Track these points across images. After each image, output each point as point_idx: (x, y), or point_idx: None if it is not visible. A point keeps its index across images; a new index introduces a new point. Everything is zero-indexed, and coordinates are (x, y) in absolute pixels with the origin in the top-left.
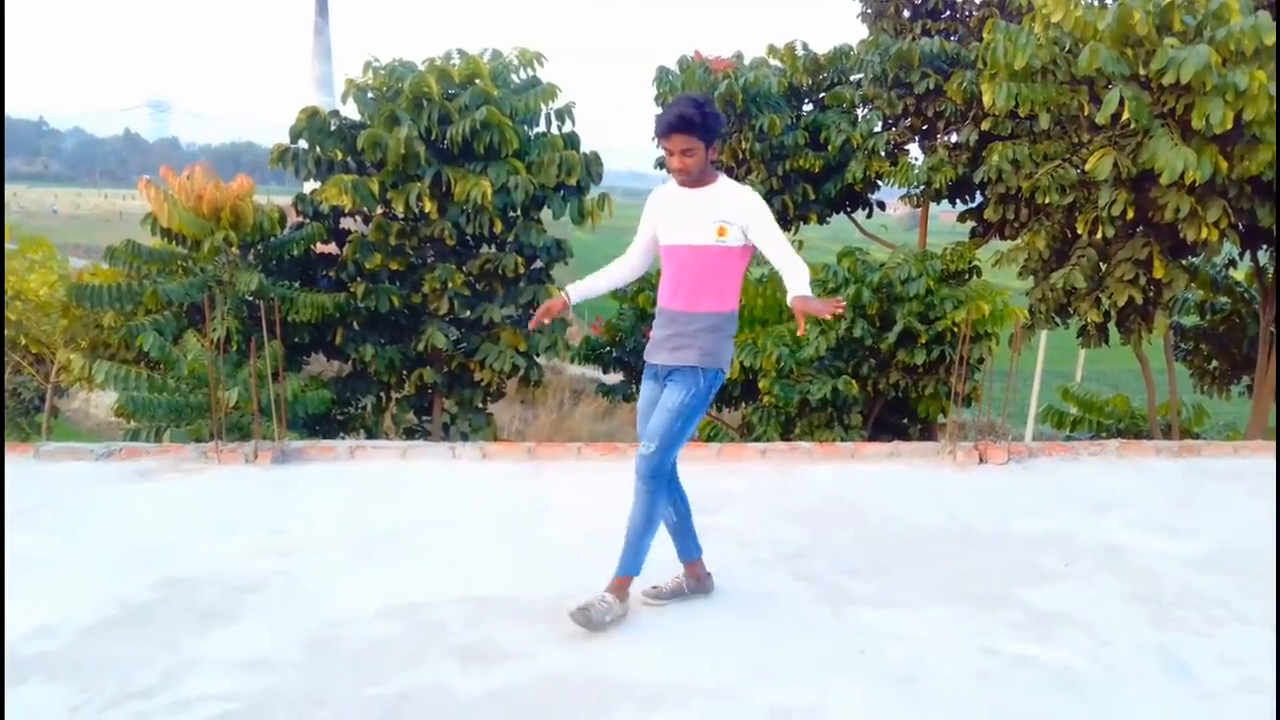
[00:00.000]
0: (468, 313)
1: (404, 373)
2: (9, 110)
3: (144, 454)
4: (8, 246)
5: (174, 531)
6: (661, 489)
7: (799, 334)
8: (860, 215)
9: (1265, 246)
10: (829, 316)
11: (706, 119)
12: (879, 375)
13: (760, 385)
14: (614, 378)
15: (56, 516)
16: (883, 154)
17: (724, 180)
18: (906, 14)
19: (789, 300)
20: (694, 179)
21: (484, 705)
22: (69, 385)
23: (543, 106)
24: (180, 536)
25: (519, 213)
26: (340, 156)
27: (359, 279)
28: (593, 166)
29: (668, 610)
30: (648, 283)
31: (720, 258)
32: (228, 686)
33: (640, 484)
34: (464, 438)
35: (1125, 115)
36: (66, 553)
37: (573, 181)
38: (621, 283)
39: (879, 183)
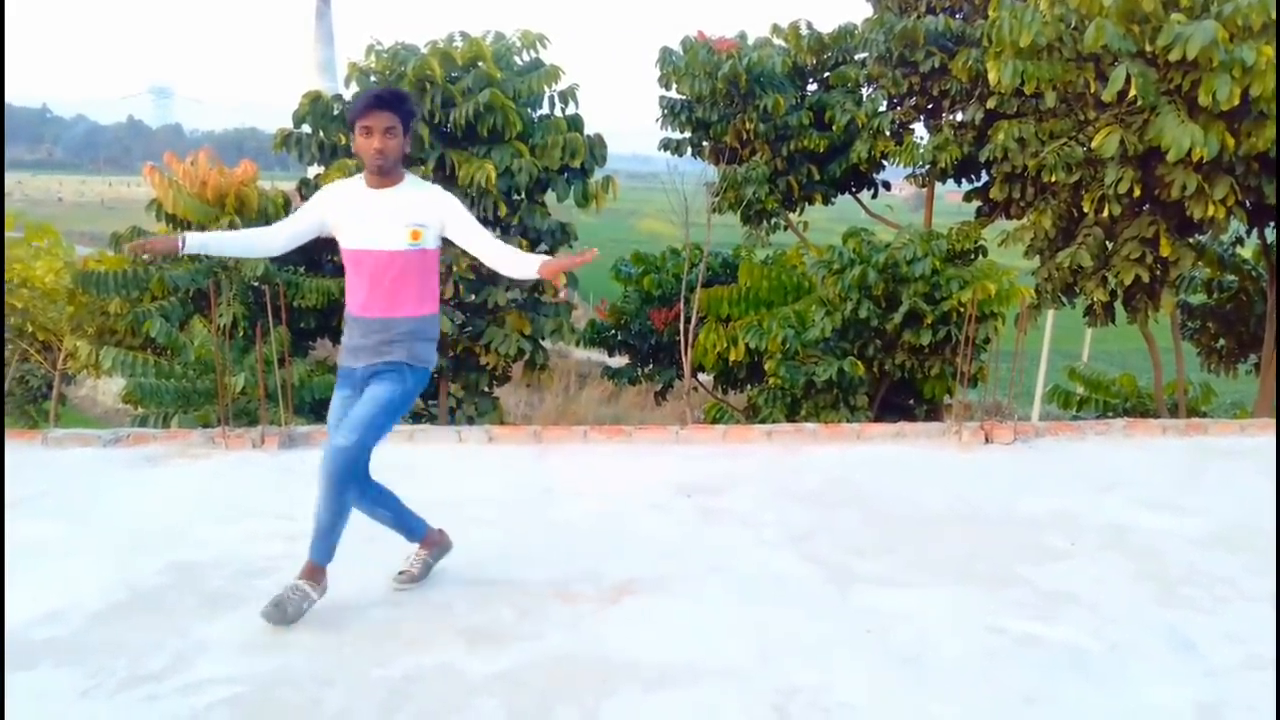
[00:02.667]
0: (472, 297)
1: None
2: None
3: (152, 440)
4: (14, 234)
5: (182, 516)
6: (351, 487)
7: (557, 286)
8: (865, 195)
9: (1272, 223)
10: (580, 263)
11: (406, 103)
12: (885, 356)
13: (766, 367)
14: (619, 361)
15: (65, 502)
16: (888, 133)
17: (412, 178)
18: None
19: (536, 271)
20: (389, 168)
21: (491, 686)
22: (76, 372)
23: (546, 89)
24: (188, 521)
25: (523, 196)
26: (344, 141)
27: None
28: (596, 149)
29: (673, 591)
30: (653, 265)
31: (416, 261)
32: (236, 669)
33: (328, 482)
34: (470, 421)
35: (1132, 92)
36: (75, 538)
37: (577, 164)
38: (251, 253)
39: (884, 163)
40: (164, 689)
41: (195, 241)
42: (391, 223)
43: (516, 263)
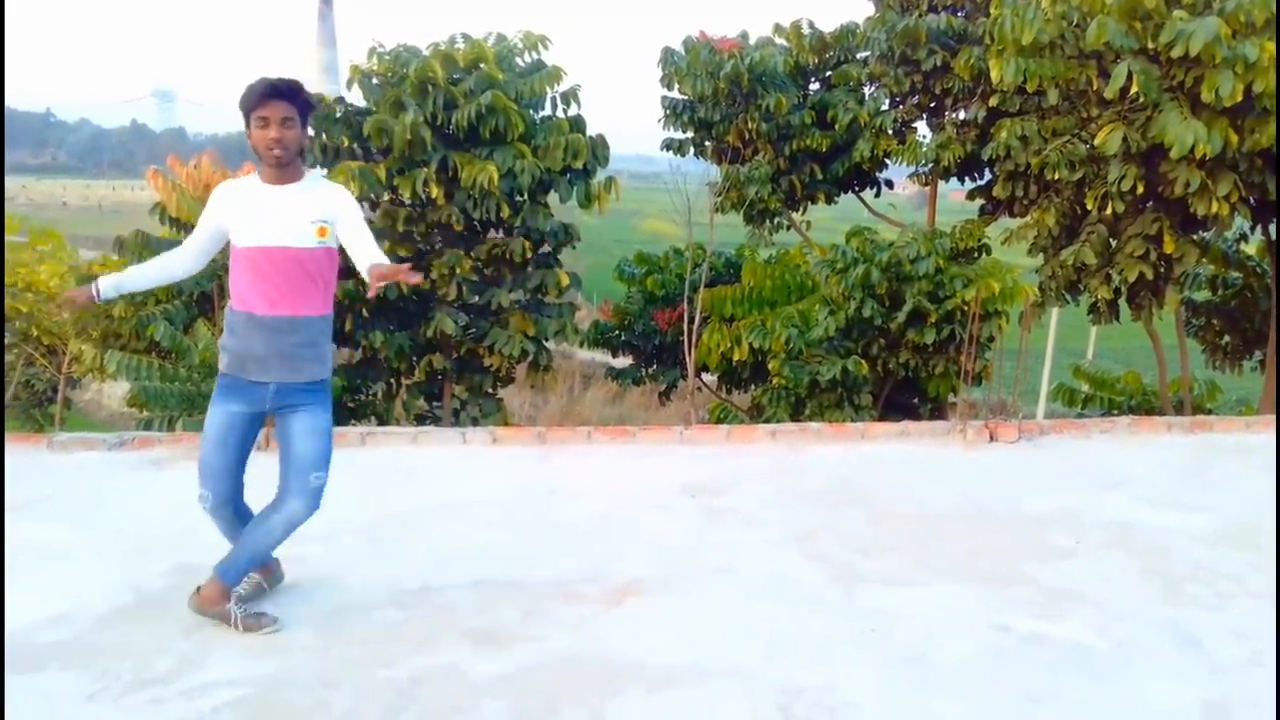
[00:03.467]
0: (476, 298)
1: (414, 359)
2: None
3: (156, 443)
4: (19, 239)
5: (187, 519)
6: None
7: (369, 295)
8: (868, 194)
9: (1276, 220)
10: (402, 278)
11: (304, 94)
12: (889, 355)
13: (770, 366)
14: (623, 361)
15: (70, 506)
16: (890, 132)
17: (312, 175)
18: None
19: (367, 271)
20: (288, 160)
21: (496, 687)
22: (81, 376)
23: (548, 90)
24: (193, 524)
25: (526, 197)
26: (346, 143)
27: None
28: (599, 150)
29: (678, 591)
30: (656, 266)
31: (322, 258)
32: (242, 671)
33: (304, 517)
34: (474, 423)
35: (1134, 89)
36: (81, 542)
37: (579, 165)
38: (167, 281)
39: (887, 161)
40: (170, 692)
41: (109, 285)
42: (296, 219)
43: (372, 257)
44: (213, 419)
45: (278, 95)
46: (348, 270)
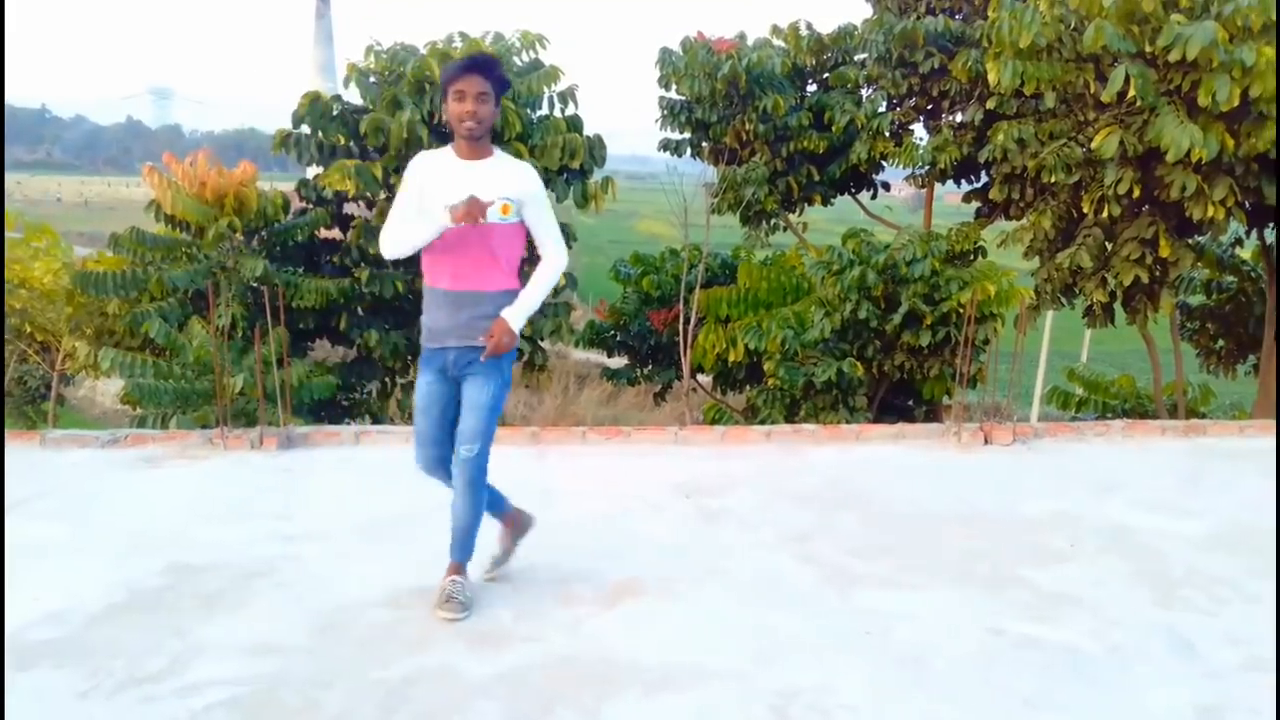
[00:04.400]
0: None
1: (408, 358)
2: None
3: (150, 441)
4: (13, 235)
5: (181, 518)
6: (484, 488)
7: (484, 358)
8: (865, 196)
9: (1272, 225)
10: (490, 354)
11: (500, 69)
12: (884, 357)
13: (765, 368)
14: (618, 362)
15: (63, 504)
16: (887, 134)
17: (501, 153)
18: None
19: (503, 313)
20: (480, 134)
21: (491, 688)
22: (75, 373)
23: (545, 89)
24: (187, 522)
25: None
26: (343, 141)
27: (363, 264)
28: (596, 150)
29: (673, 592)
30: (652, 266)
31: (508, 234)
32: (235, 671)
33: (467, 488)
34: None
35: (1131, 93)
36: (74, 540)
37: (576, 165)
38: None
39: (883, 163)
40: (162, 690)
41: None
42: (484, 196)
43: (528, 287)
44: (417, 389)
45: (475, 69)
46: (341, 268)
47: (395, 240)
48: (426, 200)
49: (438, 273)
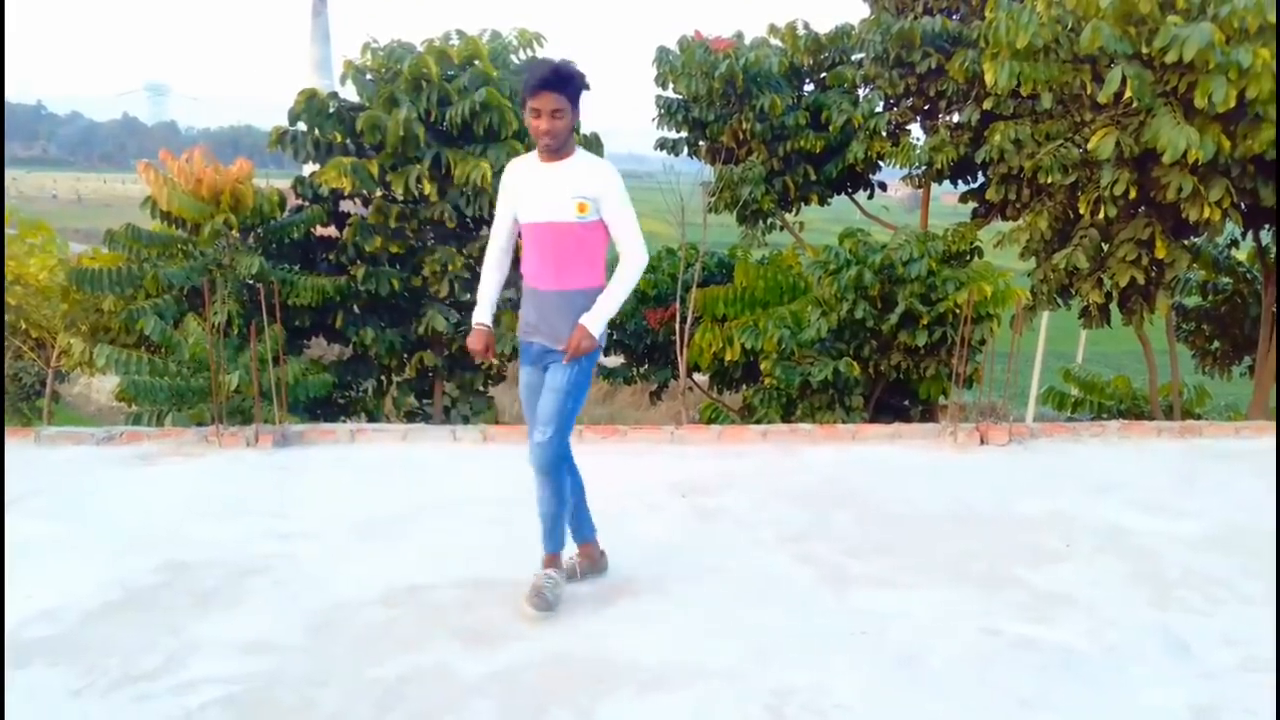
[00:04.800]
0: (468, 295)
1: (404, 356)
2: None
3: (145, 438)
4: (8, 231)
5: (176, 515)
6: (564, 471)
7: (565, 361)
8: (861, 196)
9: (1267, 226)
10: (580, 351)
11: (576, 81)
12: (880, 357)
13: (761, 367)
14: (614, 360)
15: (58, 501)
16: (884, 134)
17: (582, 153)
18: None
19: (582, 318)
20: (556, 148)
21: (485, 686)
22: (70, 370)
23: None
24: (182, 520)
25: None
26: (339, 139)
27: (359, 262)
28: (592, 148)
29: (669, 591)
30: (649, 265)
31: (585, 234)
32: (230, 669)
33: (541, 473)
34: (465, 421)
35: (1128, 94)
36: (68, 537)
37: None
38: (507, 271)
39: (880, 163)
40: (157, 688)
41: (488, 314)
42: (560, 195)
43: (608, 288)
44: (519, 382)
45: (548, 87)
46: (337, 266)
47: (492, 270)
48: (515, 202)
49: (527, 270)
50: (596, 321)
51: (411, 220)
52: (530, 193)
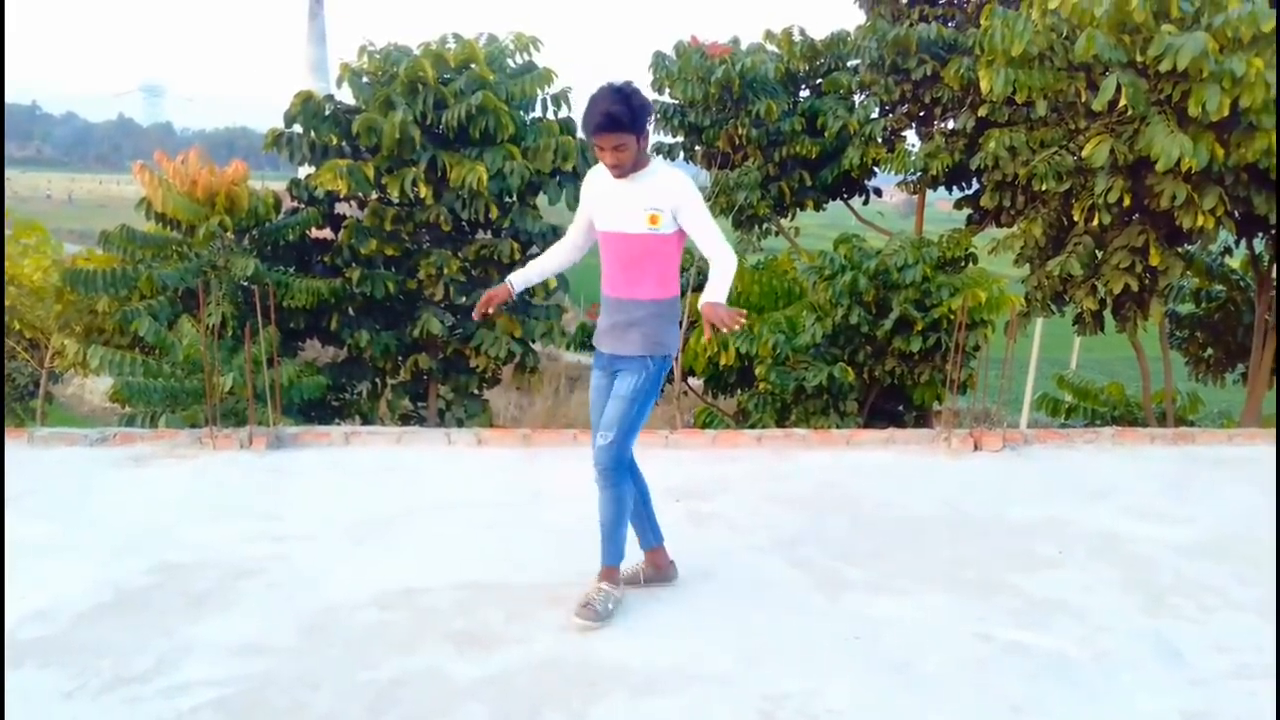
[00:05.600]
0: (463, 299)
1: (399, 359)
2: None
3: (139, 439)
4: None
5: (169, 517)
6: (625, 478)
7: (705, 339)
8: (857, 202)
9: (1261, 234)
10: (729, 329)
11: (635, 112)
12: (875, 362)
13: (756, 372)
14: None
15: (51, 502)
16: (879, 140)
17: (656, 164)
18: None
19: (700, 303)
20: (623, 175)
21: (479, 690)
22: (64, 371)
23: (539, 91)
24: (175, 522)
25: (515, 198)
26: (335, 141)
27: (354, 264)
28: (589, 152)
29: (662, 597)
30: None
31: (655, 245)
32: (223, 671)
33: (602, 477)
34: (459, 424)
35: (1122, 102)
36: (61, 538)
37: (569, 167)
38: (566, 264)
39: (876, 169)
40: (149, 690)
41: (520, 281)
42: (633, 207)
43: (711, 276)
44: (591, 386)
45: (603, 130)
46: (333, 268)
47: (557, 253)
48: (592, 209)
49: (604, 277)
50: (720, 296)
51: (407, 223)
52: (605, 202)
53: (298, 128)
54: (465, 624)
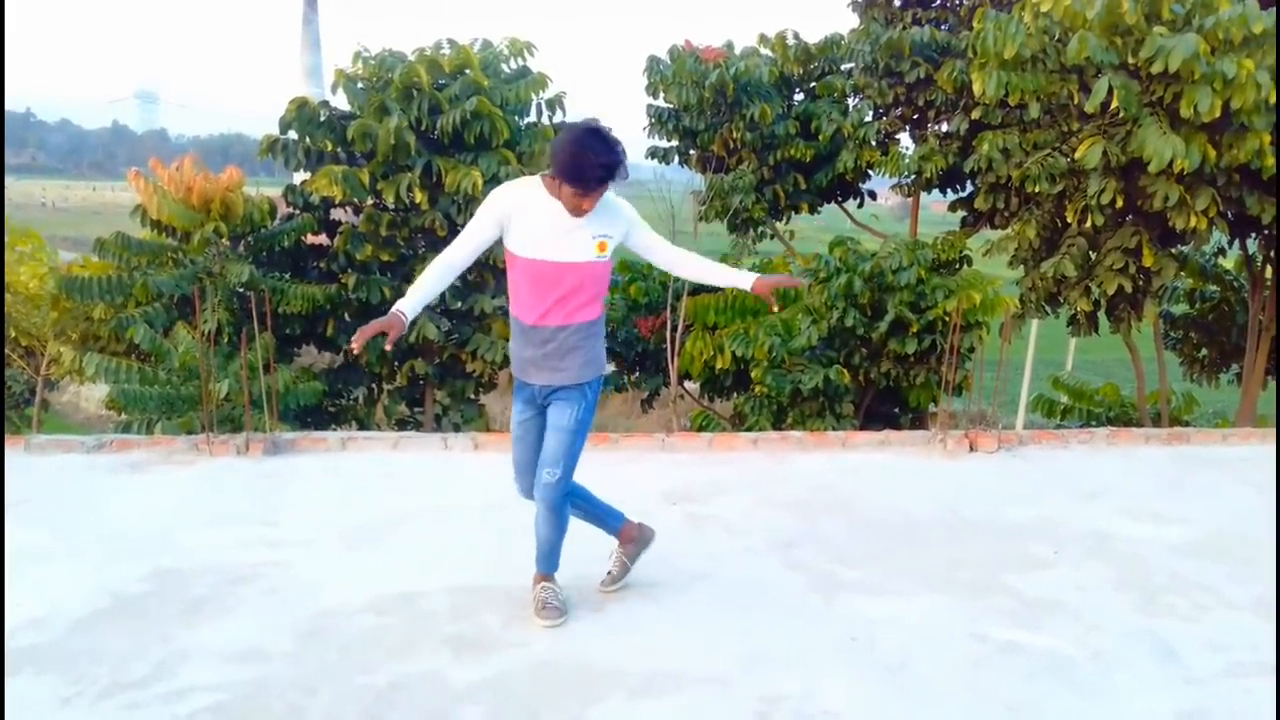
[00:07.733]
0: (459, 304)
1: (395, 364)
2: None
3: (135, 446)
4: None
5: (165, 523)
6: (566, 507)
7: (774, 309)
8: (851, 205)
9: (1254, 234)
10: (798, 287)
11: (622, 165)
12: (870, 365)
13: (752, 375)
14: (605, 368)
15: (47, 509)
16: (874, 143)
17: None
18: (897, 3)
19: (751, 286)
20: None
21: (476, 694)
22: (59, 378)
23: (533, 96)
24: (172, 528)
25: None
26: (330, 147)
27: (350, 270)
28: None
29: (659, 598)
30: (639, 273)
31: (599, 271)
32: (220, 677)
33: (547, 510)
34: (456, 429)
35: (1114, 104)
36: (58, 545)
37: None
38: (447, 285)
39: (870, 172)
40: (146, 697)
41: (410, 309)
42: (580, 237)
43: (720, 271)
44: (512, 418)
45: (600, 184)
46: (328, 274)
47: (439, 268)
48: (511, 232)
49: (523, 307)
50: (749, 275)
51: (402, 228)
52: (542, 233)
53: (293, 134)
54: (462, 628)
